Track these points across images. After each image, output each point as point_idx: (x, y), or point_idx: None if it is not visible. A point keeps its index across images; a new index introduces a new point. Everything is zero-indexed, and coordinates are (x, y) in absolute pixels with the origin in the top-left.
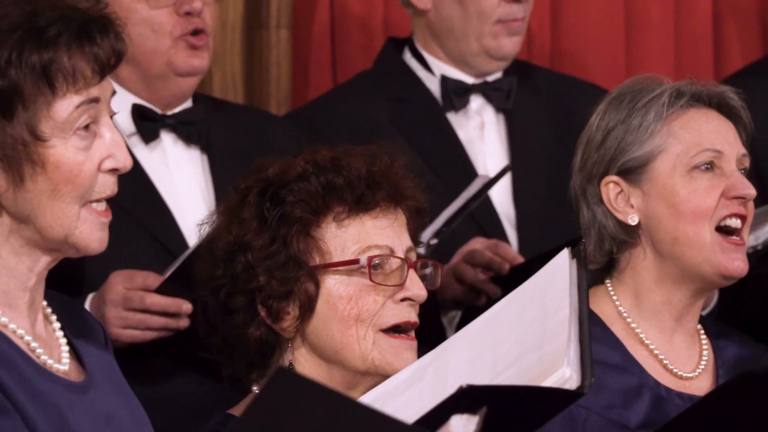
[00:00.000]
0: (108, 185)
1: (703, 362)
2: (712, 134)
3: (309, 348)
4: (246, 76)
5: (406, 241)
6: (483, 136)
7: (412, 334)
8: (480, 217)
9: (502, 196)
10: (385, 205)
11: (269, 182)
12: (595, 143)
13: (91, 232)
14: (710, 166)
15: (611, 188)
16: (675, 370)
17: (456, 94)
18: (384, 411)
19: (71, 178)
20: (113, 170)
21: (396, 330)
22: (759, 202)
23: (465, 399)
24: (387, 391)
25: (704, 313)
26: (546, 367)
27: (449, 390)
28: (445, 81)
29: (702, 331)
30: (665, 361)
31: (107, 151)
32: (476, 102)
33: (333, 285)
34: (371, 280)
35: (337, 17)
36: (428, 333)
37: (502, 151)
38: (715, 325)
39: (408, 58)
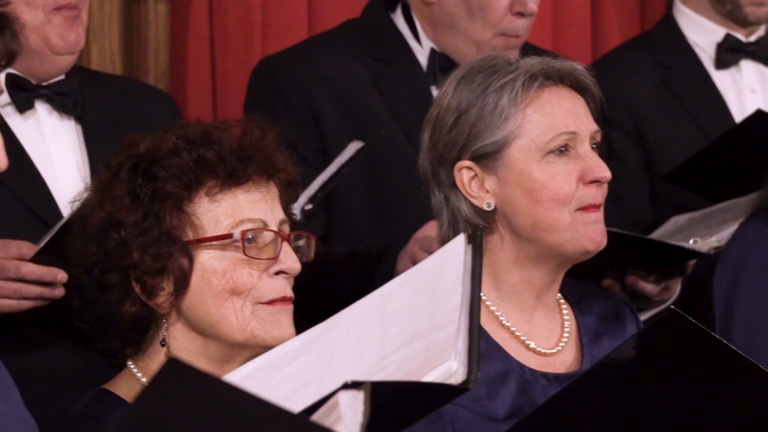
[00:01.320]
0: None
1: (565, 335)
2: (566, 115)
3: (184, 323)
4: (124, 50)
5: (279, 214)
6: None
7: (289, 301)
8: None
9: None
10: (258, 178)
11: (141, 158)
12: (446, 124)
13: None
14: (565, 149)
15: (465, 173)
16: (538, 349)
17: (442, 70)
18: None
19: None
20: None
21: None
22: (641, 171)
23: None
24: (272, 362)
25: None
26: (433, 356)
27: (334, 365)
28: (434, 54)
29: (562, 300)
30: (527, 342)
31: None
32: None
33: (207, 260)
34: (245, 254)
35: None
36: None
37: None
38: (576, 288)
39: (400, 22)
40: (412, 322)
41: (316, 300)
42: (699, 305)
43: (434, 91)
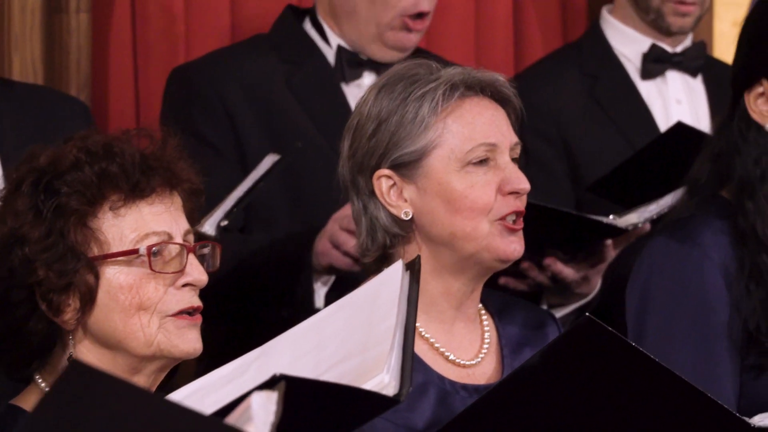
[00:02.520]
0: None
1: (485, 346)
2: (486, 126)
3: (91, 339)
4: (46, 60)
5: (184, 225)
6: None
7: (197, 315)
8: None
9: None
10: (161, 190)
11: (42, 172)
12: (365, 132)
13: None
14: (484, 159)
15: (384, 182)
16: (458, 360)
17: (350, 66)
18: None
19: None
20: None
21: (179, 314)
22: (567, 182)
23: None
24: (207, 385)
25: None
26: (366, 371)
27: None
28: (340, 51)
29: (483, 311)
30: (447, 353)
31: None
32: (369, 78)
33: (113, 275)
34: (151, 268)
35: (138, 1)
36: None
37: None
38: (498, 299)
39: (308, 27)
40: (346, 343)
41: (237, 291)
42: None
43: (343, 87)
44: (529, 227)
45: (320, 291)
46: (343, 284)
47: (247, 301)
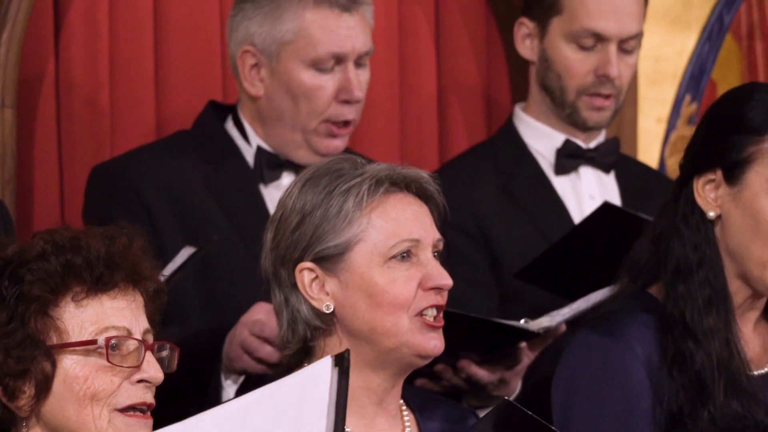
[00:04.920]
0: None
1: None
2: (410, 222)
3: (44, 427)
4: None
5: (144, 323)
6: None
7: (149, 413)
8: None
9: None
10: (124, 286)
11: (8, 261)
12: (289, 225)
13: None
14: (407, 255)
15: (306, 275)
16: None
17: (269, 167)
18: None
19: None
20: None
21: (131, 409)
22: (488, 275)
23: None
24: None
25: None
26: None
27: None
28: (260, 152)
29: (404, 407)
30: None
31: None
32: (288, 179)
33: (70, 365)
34: (108, 360)
35: (63, 97)
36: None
37: None
38: (419, 395)
39: (229, 126)
40: None
41: None
42: None
43: (262, 189)
44: (446, 333)
45: (230, 389)
46: (255, 382)
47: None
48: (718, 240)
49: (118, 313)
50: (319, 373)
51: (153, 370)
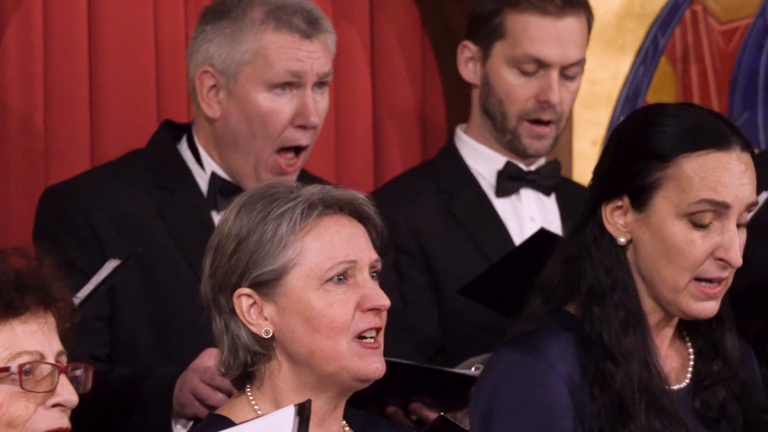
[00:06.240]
0: None
1: None
2: (345, 243)
3: None
4: None
5: (57, 345)
6: None
7: None
8: None
9: None
10: (35, 309)
11: None
12: (226, 251)
13: None
14: (343, 277)
15: (244, 300)
16: None
17: (222, 194)
18: None
19: None
20: None
21: None
22: (429, 294)
23: None
24: None
25: None
26: None
27: None
28: (214, 178)
29: (347, 428)
30: None
31: None
32: None
33: None
34: (22, 387)
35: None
36: None
37: None
38: (362, 417)
39: (183, 148)
40: None
41: (96, 419)
42: None
43: (214, 216)
44: (391, 380)
45: None
46: None
47: None
48: (630, 263)
49: (30, 337)
50: (282, 421)
51: (67, 393)
